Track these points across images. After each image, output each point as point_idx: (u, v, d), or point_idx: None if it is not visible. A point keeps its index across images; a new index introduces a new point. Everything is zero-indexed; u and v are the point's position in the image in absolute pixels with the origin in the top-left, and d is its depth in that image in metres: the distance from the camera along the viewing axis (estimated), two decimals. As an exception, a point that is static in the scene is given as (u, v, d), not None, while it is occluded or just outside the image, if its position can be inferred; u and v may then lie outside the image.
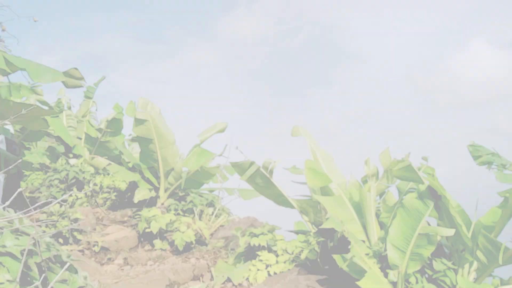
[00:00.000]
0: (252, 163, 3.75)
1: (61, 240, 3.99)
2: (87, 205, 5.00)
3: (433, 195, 2.71)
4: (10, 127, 4.84)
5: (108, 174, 5.78)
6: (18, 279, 1.37)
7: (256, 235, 3.62)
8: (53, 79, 3.21)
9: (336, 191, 3.61)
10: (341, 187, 3.52)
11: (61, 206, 4.01)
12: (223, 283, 3.43)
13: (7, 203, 1.65)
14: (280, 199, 3.92)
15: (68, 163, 5.85)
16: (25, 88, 3.63)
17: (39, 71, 3.14)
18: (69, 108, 7.41)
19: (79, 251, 3.97)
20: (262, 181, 3.86)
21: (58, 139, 6.51)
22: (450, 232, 2.58)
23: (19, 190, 1.60)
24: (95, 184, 5.55)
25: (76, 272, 1.80)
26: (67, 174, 5.33)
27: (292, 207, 3.89)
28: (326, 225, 2.81)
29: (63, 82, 3.41)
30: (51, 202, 4.23)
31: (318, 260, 3.28)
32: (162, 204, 5.15)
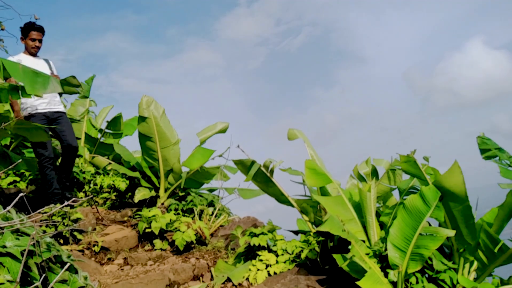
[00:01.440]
0: (253, 162, 3.79)
1: (61, 240, 4.00)
2: (87, 205, 5.01)
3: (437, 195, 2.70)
4: None
5: (108, 174, 5.78)
6: (18, 279, 1.37)
7: (256, 235, 3.63)
8: (51, 91, 3.16)
9: (334, 191, 3.62)
10: (336, 190, 3.53)
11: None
12: (223, 283, 3.43)
13: (9, 207, 1.65)
14: (281, 198, 3.96)
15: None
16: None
17: (37, 82, 3.04)
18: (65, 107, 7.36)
19: (79, 251, 3.97)
20: (263, 180, 3.90)
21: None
22: (451, 233, 2.58)
23: (20, 194, 1.61)
24: (95, 185, 5.55)
25: (76, 272, 1.80)
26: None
27: (293, 206, 3.92)
28: (321, 228, 2.82)
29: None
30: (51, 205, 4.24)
31: (318, 260, 3.29)
32: (162, 204, 5.16)
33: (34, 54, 4.44)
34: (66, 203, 1.93)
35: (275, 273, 3.38)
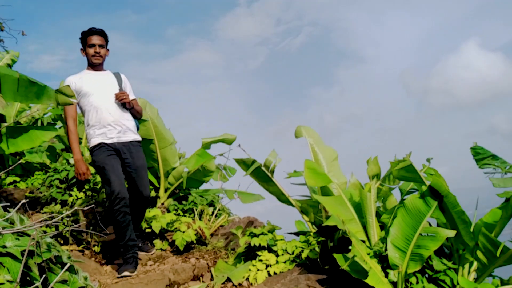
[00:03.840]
0: (254, 161, 3.81)
1: (61, 241, 4.00)
2: (87, 205, 5.01)
3: (435, 196, 2.71)
4: None
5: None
6: (18, 280, 1.37)
7: (256, 235, 3.63)
8: (46, 102, 3.01)
9: (336, 191, 3.62)
10: (341, 187, 3.53)
11: (61, 206, 4.01)
12: (223, 283, 3.43)
13: (13, 211, 1.65)
14: (281, 198, 3.98)
15: (69, 163, 5.85)
16: None
17: (30, 91, 2.79)
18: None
19: (79, 251, 3.98)
20: (264, 179, 3.93)
21: (58, 138, 6.51)
22: (451, 233, 2.58)
23: (22, 201, 1.61)
24: (95, 184, 5.55)
25: (76, 272, 1.80)
26: (68, 174, 5.33)
27: (293, 205, 3.93)
28: (328, 223, 2.82)
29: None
30: (51, 203, 4.24)
31: (318, 260, 3.29)
32: (162, 204, 5.16)
33: (97, 67, 3.52)
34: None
35: (275, 273, 3.38)
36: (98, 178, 5.50)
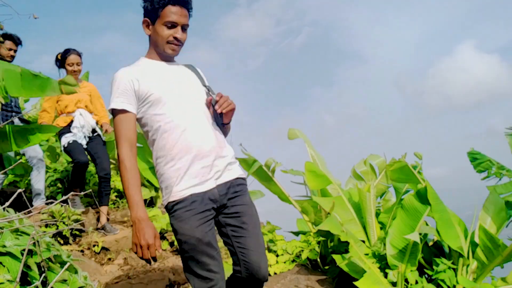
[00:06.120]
0: (255, 161, 3.83)
1: (61, 241, 4.00)
2: (87, 205, 5.01)
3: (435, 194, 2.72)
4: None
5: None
6: (18, 279, 1.37)
7: (256, 235, 3.63)
8: (50, 93, 2.94)
9: (334, 192, 3.63)
10: (336, 190, 3.54)
11: (61, 206, 4.01)
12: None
13: (7, 203, 1.65)
14: (282, 197, 3.99)
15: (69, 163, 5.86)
16: None
17: (34, 85, 2.85)
18: None
19: (79, 251, 3.98)
20: (265, 179, 3.95)
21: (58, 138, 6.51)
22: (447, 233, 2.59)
23: (19, 191, 1.61)
24: (95, 185, 5.55)
25: (76, 272, 1.80)
26: (68, 175, 5.34)
27: (293, 205, 3.94)
28: (322, 227, 2.82)
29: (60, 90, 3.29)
30: (51, 203, 4.24)
31: (318, 260, 3.29)
32: (162, 204, 5.16)
33: (168, 56, 1.90)
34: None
35: (275, 273, 3.38)
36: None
